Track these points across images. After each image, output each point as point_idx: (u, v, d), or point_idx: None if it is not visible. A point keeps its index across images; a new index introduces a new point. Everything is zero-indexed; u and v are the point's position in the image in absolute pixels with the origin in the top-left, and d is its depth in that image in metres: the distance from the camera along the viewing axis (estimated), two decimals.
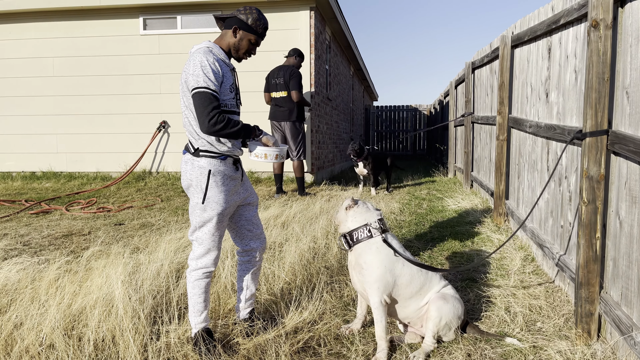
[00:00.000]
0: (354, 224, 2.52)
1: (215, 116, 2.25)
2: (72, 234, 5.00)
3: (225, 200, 2.40)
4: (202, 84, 2.26)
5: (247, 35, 2.46)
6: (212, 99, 2.26)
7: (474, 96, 7.60)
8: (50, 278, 3.15)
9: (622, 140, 2.27)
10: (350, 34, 12.07)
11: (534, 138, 4.06)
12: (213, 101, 2.26)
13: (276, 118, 7.16)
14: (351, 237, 2.50)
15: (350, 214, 2.54)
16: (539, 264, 3.80)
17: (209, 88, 2.26)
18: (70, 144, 9.44)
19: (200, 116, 2.26)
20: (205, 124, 2.25)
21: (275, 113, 7.16)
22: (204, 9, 8.92)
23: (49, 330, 2.48)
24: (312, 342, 2.56)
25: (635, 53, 2.25)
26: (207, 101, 2.25)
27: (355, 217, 2.52)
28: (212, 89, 2.27)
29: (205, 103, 2.25)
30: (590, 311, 2.52)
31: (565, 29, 3.26)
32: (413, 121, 21.57)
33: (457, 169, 9.70)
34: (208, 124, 2.25)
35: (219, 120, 2.26)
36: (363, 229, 2.48)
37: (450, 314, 2.45)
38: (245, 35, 2.46)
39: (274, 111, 7.17)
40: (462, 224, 5.28)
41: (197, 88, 2.26)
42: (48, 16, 9.30)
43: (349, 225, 2.54)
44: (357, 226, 2.50)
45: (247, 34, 2.46)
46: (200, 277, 2.42)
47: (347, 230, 2.53)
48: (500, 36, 5.05)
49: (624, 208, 2.35)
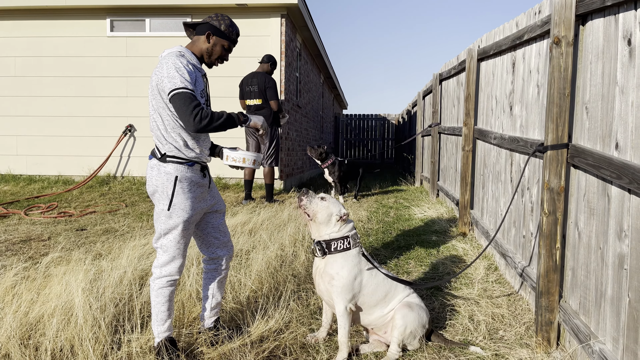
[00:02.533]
0: (336, 234, 2.48)
1: (198, 113, 2.25)
2: (31, 239, 4.84)
3: (192, 207, 2.37)
4: (180, 85, 2.24)
5: (220, 41, 2.48)
6: (192, 97, 2.25)
7: (441, 107, 7.74)
8: (6, 285, 3.03)
9: (582, 153, 2.35)
10: (321, 42, 12.13)
11: (499, 150, 4.16)
12: (194, 100, 2.26)
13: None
14: (328, 246, 2.47)
15: (339, 225, 2.49)
16: (502, 273, 3.88)
17: (187, 88, 2.26)
18: (31, 146, 9.15)
19: (183, 116, 2.24)
20: (191, 122, 2.24)
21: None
22: (174, 12, 8.82)
23: (4, 339, 2.39)
24: (278, 351, 2.54)
25: (595, 70, 2.33)
26: (188, 100, 2.24)
27: (341, 229, 2.49)
28: (190, 89, 2.27)
29: (187, 102, 2.24)
30: (550, 320, 2.59)
31: (529, 45, 3.35)
32: (382, 130, 21.80)
33: (424, 178, 9.84)
34: (194, 122, 2.24)
35: (203, 116, 2.26)
36: (343, 241, 2.46)
37: (416, 322, 2.47)
38: (219, 41, 2.48)
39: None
40: (428, 233, 5.35)
41: (176, 89, 2.24)
42: (11, 15, 9.02)
43: (330, 233, 2.48)
44: (337, 237, 2.47)
45: (220, 39, 2.48)
46: (164, 285, 2.38)
47: (327, 238, 2.48)
48: (467, 49, 5.17)
49: (582, 219, 2.42)
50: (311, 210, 2.48)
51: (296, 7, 8.47)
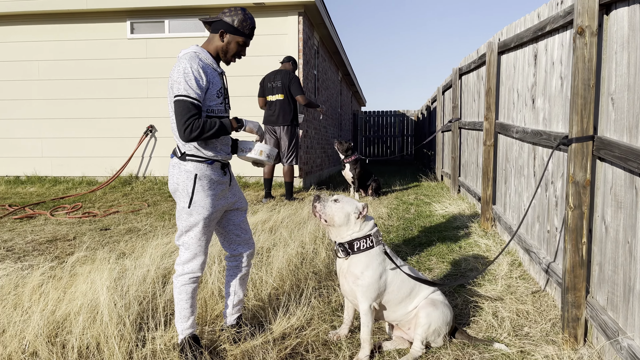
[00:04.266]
0: (357, 234, 2.45)
1: (190, 125, 2.24)
2: (57, 239, 4.93)
3: (212, 204, 2.38)
4: (182, 92, 2.25)
5: (234, 38, 2.43)
6: (190, 107, 2.25)
7: (461, 102, 7.66)
8: (33, 284, 3.09)
9: (608, 146, 2.30)
10: (339, 40, 12.10)
11: (521, 144, 4.10)
12: (191, 110, 2.25)
13: (271, 122, 7.08)
14: (351, 246, 2.44)
15: (359, 223, 2.46)
16: (525, 269, 3.82)
17: (189, 96, 2.25)
18: (55, 148, 9.33)
19: (177, 125, 2.27)
20: (181, 133, 2.25)
21: (270, 117, 7.08)
22: (192, 13, 8.89)
23: (32, 337, 2.44)
24: (300, 348, 2.54)
25: (620, 60, 2.27)
26: (185, 110, 2.24)
27: (362, 228, 2.47)
28: (192, 97, 2.26)
29: (183, 112, 2.24)
30: (577, 316, 2.53)
31: (551, 36, 3.29)
32: (401, 126, 21.67)
33: (444, 174, 9.75)
34: (184, 133, 2.25)
35: (194, 127, 2.25)
36: (366, 240, 2.44)
37: (440, 320, 2.45)
38: (233, 38, 2.43)
39: (269, 115, 7.08)
40: (449, 229, 5.30)
41: (177, 96, 2.26)
42: (34, 19, 9.20)
43: (351, 234, 2.45)
44: (359, 236, 2.45)
45: (234, 36, 2.43)
46: (186, 283, 2.40)
47: (349, 239, 2.45)
48: (487, 42, 5.10)
49: (609, 213, 2.37)
50: (327, 215, 2.45)
51: (313, 4, 8.46)
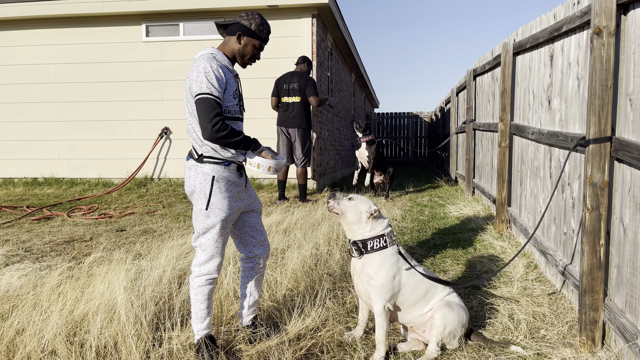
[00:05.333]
0: (370, 233, 2.46)
1: (218, 123, 2.25)
2: (74, 240, 5.00)
3: (229, 206, 2.40)
4: (206, 90, 2.26)
5: (251, 40, 2.47)
6: (215, 105, 2.26)
7: (476, 103, 7.61)
8: (52, 284, 3.14)
9: (626, 147, 2.27)
10: (352, 41, 12.11)
11: (536, 145, 4.06)
12: (216, 107, 2.26)
13: (285, 124, 7.07)
14: (364, 245, 2.45)
15: (370, 222, 2.47)
16: (541, 271, 3.79)
17: (212, 94, 2.26)
18: (72, 150, 9.45)
19: (203, 122, 2.26)
20: (208, 130, 2.25)
21: (285, 119, 7.06)
22: (207, 16, 8.96)
23: (51, 336, 2.48)
24: (315, 349, 2.55)
25: (639, 60, 2.25)
26: (210, 107, 2.25)
27: (374, 227, 2.47)
28: (215, 95, 2.27)
29: (209, 109, 2.25)
30: (595, 318, 2.51)
31: (568, 37, 3.26)
32: (414, 128, 21.59)
33: (458, 175, 9.69)
34: (211, 130, 2.25)
35: (222, 127, 2.26)
36: (379, 239, 2.45)
37: (455, 322, 2.44)
38: (250, 40, 2.46)
39: (284, 117, 7.07)
40: (464, 231, 5.27)
41: (200, 94, 2.26)
42: (50, 23, 9.34)
43: (363, 232, 2.47)
44: (372, 235, 2.46)
45: (251, 39, 2.46)
46: (203, 284, 2.42)
47: (362, 238, 2.47)
48: (502, 43, 5.07)
49: (627, 215, 2.34)
50: (339, 209, 2.48)
51: (327, 6, 8.48)
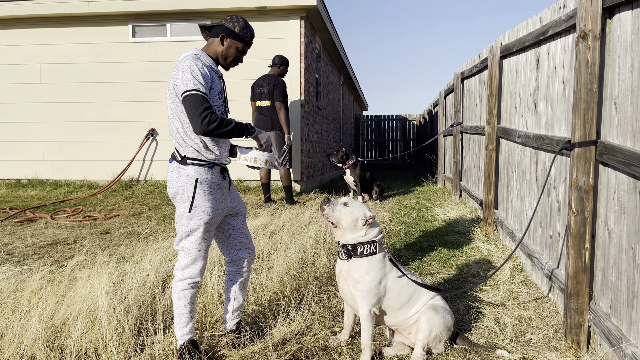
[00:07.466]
0: (362, 238, 2.43)
1: (208, 116, 2.24)
2: (57, 242, 4.92)
3: (213, 209, 2.37)
4: (192, 87, 2.24)
5: (234, 43, 2.47)
6: (203, 100, 2.25)
7: (463, 106, 7.64)
8: (32, 288, 3.08)
9: (611, 150, 2.28)
10: (340, 44, 12.11)
11: (523, 148, 4.08)
12: (204, 102, 2.25)
13: (260, 127, 7.12)
14: (354, 249, 2.43)
15: (364, 229, 2.44)
16: (528, 274, 3.80)
17: (200, 90, 2.25)
18: (56, 151, 9.33)
19: (192, 118, 2.24)
20: (198, 124, 2.23)
21: (258, 122, 7.13)
22: (194, 17, 8.90)
23: (30, 341, 2.42)
24: (300, 354, 2.52)
25: (624, 64, 2.26)
26: (199, 102, 2.24)
27: (368, 233, 2.45)
28: (203, 92, 2.26)
29: (197, 104, 2.23)
30: (580, 322, 2.51)
31: (554, 40, 3.28)
32: (403, 131, 21.66)
33: (446, 178, 9.72)
34: (202, 124, 2.23)
35: (212, 119, 2.24)
36: (370, 245, 2.42)
37: (441, 325, 2.42)
38: (233, 43, 2.47)
39: (258, 120, 7.13)
40: (451, 234, 5.27)
41: (188, 91, 2.24)
42: (36, 22, 9.22)
43: (355, 237, 2.43)
44: (364, 241, 2.43)
45: (234, 41, 2.47)
46: (186, 288, 2.38)
47: (353, 242, 2.44)
48: (489, 47, 5.08)
49: (612, 218, 2.34)
50: (335, 218, 2.44)
51: (315, 8, 8.47)
